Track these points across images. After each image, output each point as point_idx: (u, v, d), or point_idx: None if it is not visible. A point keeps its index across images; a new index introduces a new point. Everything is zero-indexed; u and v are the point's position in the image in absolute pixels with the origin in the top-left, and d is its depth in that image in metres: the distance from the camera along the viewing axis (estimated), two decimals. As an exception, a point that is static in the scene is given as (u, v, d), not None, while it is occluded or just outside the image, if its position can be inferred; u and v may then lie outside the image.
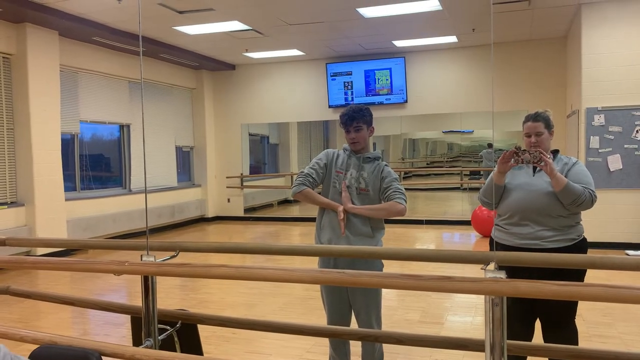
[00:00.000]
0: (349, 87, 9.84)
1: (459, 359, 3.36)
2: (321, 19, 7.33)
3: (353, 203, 2.61)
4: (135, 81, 9.01)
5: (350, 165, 2.67)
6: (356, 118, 2.63)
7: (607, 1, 6.70)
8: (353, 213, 2.58)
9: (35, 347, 1.87)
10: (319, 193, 2.72)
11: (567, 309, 2.60)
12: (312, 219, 2.80)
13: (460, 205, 10.27)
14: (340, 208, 2.58)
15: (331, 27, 7.74)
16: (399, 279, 1.59)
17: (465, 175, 10.67)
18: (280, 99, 10.47)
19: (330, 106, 10.01)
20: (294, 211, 11.34)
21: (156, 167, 9.61)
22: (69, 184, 7.87)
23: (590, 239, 2.74)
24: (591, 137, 6.81)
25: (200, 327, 2.35)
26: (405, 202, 2.59)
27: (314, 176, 2.67)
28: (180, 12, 6.84)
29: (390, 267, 2.58)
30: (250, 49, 9.16)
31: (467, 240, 8.01)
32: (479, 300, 4.64)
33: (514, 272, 2.19)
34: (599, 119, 6.77)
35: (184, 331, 2.26)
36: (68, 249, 7.18)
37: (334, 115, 9.95)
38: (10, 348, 1.35)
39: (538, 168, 2.62)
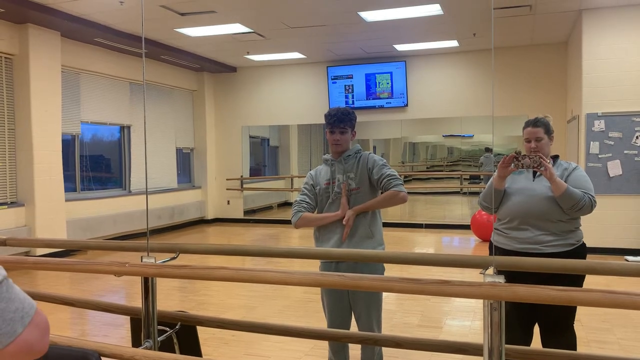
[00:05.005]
0: (350, 90, 9.85)
1: (458, 363, 3.36)
2: (323, 23, 7.34)
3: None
4: (137, 82, 9.02)
5: (335, 172, 2.66)
6: (343, 121, 2.62)
7: (608, 7, 6.71)
8: (356, 214, 2.56)
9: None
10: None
11: (566, 314, 2.60)
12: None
13: (460, 209, 10.27)
14: (346, 215, 2.54)
15: (333, 30, 7.76)
16: (399, 283, 1.60)
17: (465, 179, 10.68)
18: (281, 101, 10.48)
19: (331, 109, 10.01)
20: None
21: (156, 168, 9.62)
22: (69, 184, 7.87)
23: (589, 244, 2.75)
24: (591, 142, 6.82)
25: (199, 329, 2.36)
26: (403, 185, 2.58)
27: (307, 200, 2.66)
28: (182, 14, 6.86)
29: (390, 270, 2.59)
30: (251, 51, 9.18)
31: (467, 244, 8.01)
32: (477, 304, 4.64)
33: (513, 276, 2.20)
34: (599, 125, 6.77)
35: (184, 333, 2.27)
36: (68, 250, 7.17)
37: (335, 119, 9.94)
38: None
39: (538, 173, 2.63)
